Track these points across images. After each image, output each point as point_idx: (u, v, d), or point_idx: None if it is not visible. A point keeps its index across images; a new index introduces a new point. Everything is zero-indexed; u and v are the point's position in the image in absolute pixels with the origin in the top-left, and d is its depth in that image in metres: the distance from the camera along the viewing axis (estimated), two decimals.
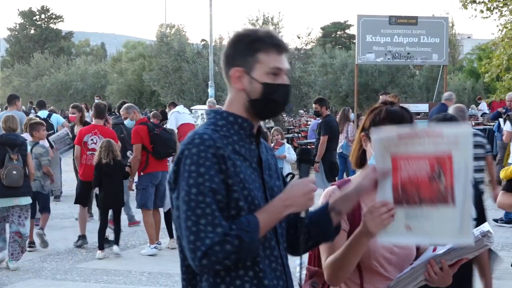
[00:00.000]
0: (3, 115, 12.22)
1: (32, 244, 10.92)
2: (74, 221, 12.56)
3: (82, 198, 11.34)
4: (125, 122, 11.53)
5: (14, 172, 9.40)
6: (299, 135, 26.01)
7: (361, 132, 3.33)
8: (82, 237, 11.22)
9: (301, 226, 2.81)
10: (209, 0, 26.77)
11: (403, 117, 3.23)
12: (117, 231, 10.64)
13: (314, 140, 16.08)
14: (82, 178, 11.26)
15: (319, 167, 12.76)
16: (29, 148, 10.00)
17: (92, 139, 11.24)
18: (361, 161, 3.36)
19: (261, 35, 2.82)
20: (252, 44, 2.81)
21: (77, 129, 12.71)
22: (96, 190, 10.65)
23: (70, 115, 14.18)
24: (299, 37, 30.21)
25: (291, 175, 2.97)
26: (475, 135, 8.43)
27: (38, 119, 12.08)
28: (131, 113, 11.16)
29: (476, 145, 8.24)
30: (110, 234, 10.84)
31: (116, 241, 10.60)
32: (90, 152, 11.10)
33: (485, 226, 3.00)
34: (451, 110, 8.20)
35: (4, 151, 9.50)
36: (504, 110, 17.41)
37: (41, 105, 17.51)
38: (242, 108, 2.83)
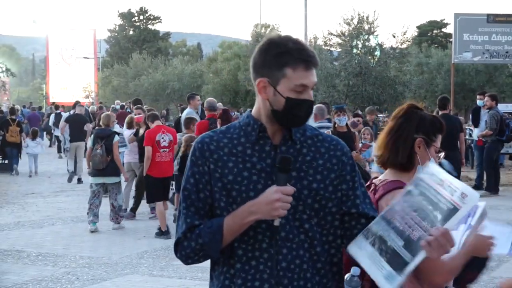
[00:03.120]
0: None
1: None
2: (171, 218, 12.80)
3: (158, 195, 12.07)
4: None
5: (96, 158, 12.44)
6: None
7: (411, 135, 3.30)
8: (165, 232, 11.82)
9: (273, 235, 2.75)
10: (304, 0, 26.83)
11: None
12: None
13: None
14: (157, 175, 11.99)
15: None
16: (116, 138, 12.78)
17: (163, 138, 12.09)
18: (407, 163, 3.31)
19: (290, 47, 2.74)
20: (280, 57, 2.74)
21: (142, 130, 13.70)
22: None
23: (136, 116, 14.84)
24: (394, 36, 29.96)
25: None
26: None
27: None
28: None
29: None
30: None
31: None
32: (163, 150, 12.05)
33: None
34: None
35: (96, 141, 12.60)
36: None
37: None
38: (265, 114, 2.82)
